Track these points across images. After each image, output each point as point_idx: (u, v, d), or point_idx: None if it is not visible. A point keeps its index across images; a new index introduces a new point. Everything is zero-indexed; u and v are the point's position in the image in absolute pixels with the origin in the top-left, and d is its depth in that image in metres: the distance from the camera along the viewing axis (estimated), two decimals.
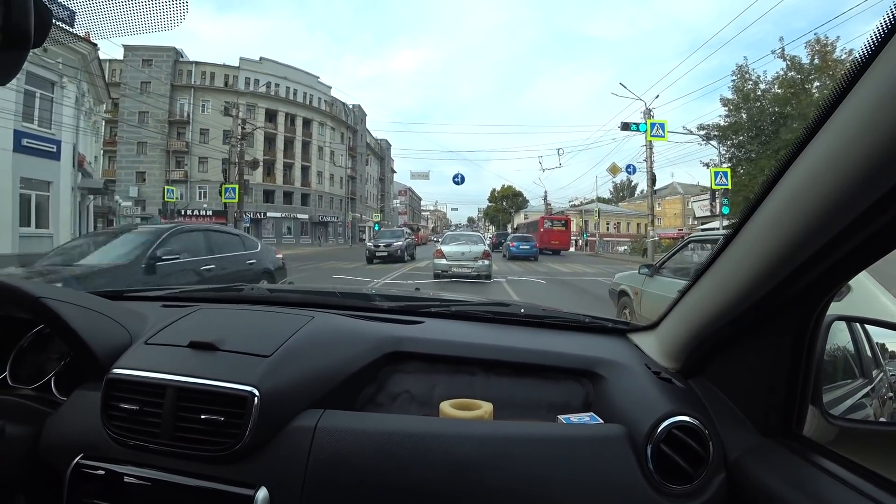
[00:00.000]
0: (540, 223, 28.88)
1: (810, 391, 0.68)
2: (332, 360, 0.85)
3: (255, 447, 0.71)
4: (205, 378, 0.74)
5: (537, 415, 0.88)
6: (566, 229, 29.29)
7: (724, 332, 0.74)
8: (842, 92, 0.43)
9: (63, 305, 0.87)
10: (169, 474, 0.71)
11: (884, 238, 0.49)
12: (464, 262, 10.31)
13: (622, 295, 4.92)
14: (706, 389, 0.81)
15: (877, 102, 0.39)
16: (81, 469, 0.74)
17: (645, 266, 4.49)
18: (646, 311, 4.20)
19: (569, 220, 31.81)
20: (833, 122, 0.45)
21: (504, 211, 71.32)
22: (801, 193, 0.50)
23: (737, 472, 0.67)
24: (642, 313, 4.26)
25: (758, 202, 0.58)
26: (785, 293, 0.61)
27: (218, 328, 0.88)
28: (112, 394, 0.76)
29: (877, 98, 0.39)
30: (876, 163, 0.41)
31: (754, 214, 0.59)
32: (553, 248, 27.21)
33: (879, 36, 0.38)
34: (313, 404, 0.77)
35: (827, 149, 0.46)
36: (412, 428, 0.73)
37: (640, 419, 0.73)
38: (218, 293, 1.34)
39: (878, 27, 0.38)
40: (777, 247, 0.56)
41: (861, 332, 0.94)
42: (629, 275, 4.96)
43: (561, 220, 30.86)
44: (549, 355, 0.93)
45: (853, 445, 0.75)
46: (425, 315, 1.12)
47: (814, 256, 0.53)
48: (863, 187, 0.43)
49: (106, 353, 0.85)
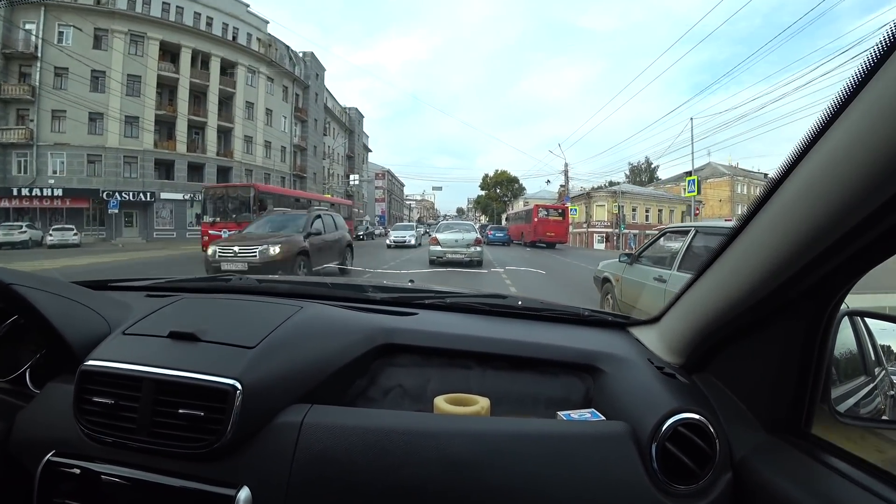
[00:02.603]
0: (533, 212, 25.44)
1: (820, 388, 0.65)
2: (321, 352, 0.82)
3: (237, 444, 0.67)
4: (184, 370, 0.70)
5: (536, 410, 0.86)
6: (563, 219, 25.94)
7: (731, 327, 0.72)
8: (867, 74, 0.41)
9: (36, 293, 0.83)
10: (145, 472, 0.68)
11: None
12: (458, 249, 11.26)
13: (605, 281, 5.27)
14: (711, 385, 0.79)
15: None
16: (53, 466, 0.71)
17: (625, 254, 4.84)
18: (625, 297, 4.62)
19: (566, 209, 27.41)
20: (857, 104, 0.43)
21: (498, 199, 63.73)
22: (820, 181, 0.48)
23: (743, 472, 0.65)
24: (622, 298, 4.69)
25: (771, 191, 0.55)
26: (798, 286, 0.59)
27: (200, 318, 0.83)
28: (85, 387, 0.72)
29: None
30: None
31: (767, 203, 0.57)
32: (548, 240, 24.32)
33: None
34: (300, 398, 0.74)
35: (849, 134, 0.44)
36: (405, 424, 0.70)
37: (644, 416, 0.70)
38: (204, 283, 1.31)
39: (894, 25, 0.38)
40: (792, 237, 0.53)
41: (863, 328, 0.90)
42: (611, 263, 5.25)
43: (557, 209, 26.81)
44: (548, 349, 0.91)
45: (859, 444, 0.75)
46: (419, 306, 1.09)
47: (831, 247, 0.51)
48: (887, 174, 0.41)
49: (82, 344, 0.82)
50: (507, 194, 64.45)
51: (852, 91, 0.42)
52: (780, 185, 0.54)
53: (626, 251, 5.34)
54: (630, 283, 4.47)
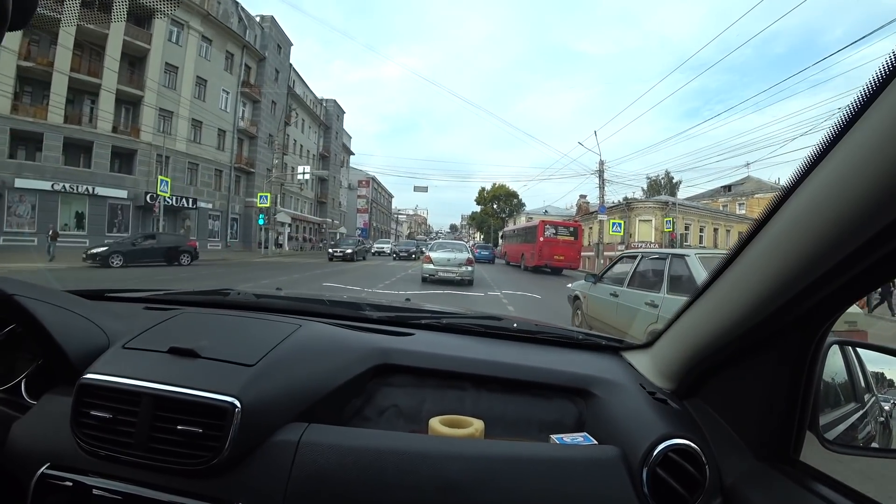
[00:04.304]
0: (538, 230, 20.62)
1: (808, 416, 0.67)
2: (319, 371, 0.82)
3: (234, 461, 0.68)
4: (183, 387, 0.70)
5: (529, 433, 0.87)
6: (575, 240, 21.30)
7: (721, 354, 0.73)
8: (852, 118, 0.43)
9: (37, 304, 0.83)
10: (141, 488, 0.68)
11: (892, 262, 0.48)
12: (450, 268, 11.88)
13: (576, 299, 6.17)
14: (702, 411, 0.80)
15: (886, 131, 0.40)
16: (47, 479, 0.71)
17: (591, 275, 5.67)
18: (590, 310, 5.55)
19: (579, 227, 23.00)
20: (842, 146, 0.45)
21: (495, 215, 59.33)
22: (808, 216, 0.50)
23: (732, 498, 0.66)
24: (588, 312, 5.62)
25: (762, 223, 0.58)
26: (786, 317, 0.61)
27: (200, 334, 0.84)
28: (84, 400, 0.72)
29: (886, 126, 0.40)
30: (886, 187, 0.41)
31: (758, 235, 0.59)
32: (556, 264, 19.93)
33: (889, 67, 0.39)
34: (297, 417, 0.74)
35: (836, 172, 0.46)
36: (399, 445, 0.71)
37: (636, 441, 0.72)
38: (203, 297, 1.30)
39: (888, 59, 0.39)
40: (781, 269, 0.55)
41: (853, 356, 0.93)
42: (581, 283, 6.03)
43: (568, 226, 22.30)
44: (542, 372, 0.92)
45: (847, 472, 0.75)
46: (416, 326, 1.10)
47: (818, 280, 0.53)
48: (872, 212, 0.43)
49: (80, 357, 0.82)
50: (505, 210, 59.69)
51: (843, 127, 0.44)
52: (771, 217, 0.55)
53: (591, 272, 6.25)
54: (593, 300, 5.45)
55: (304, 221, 39.36)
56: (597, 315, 5.26)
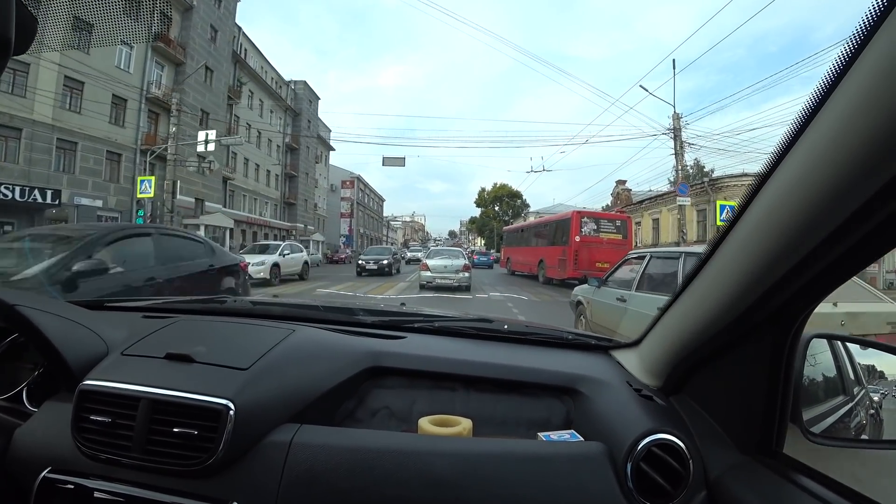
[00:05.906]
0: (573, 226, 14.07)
1: (789, 409, 0.69)
2: (312, 374, 0.84)
3: (228, 462, 0.70)
4: (180, 391, 0.73)
5: (517, 432, 0.88)
6: (624, 239, 14.30)
7: (703, 350, 0.75)
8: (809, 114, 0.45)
9: (39, 314, 0.85)
10: (140, 489, 0.70)
11: (855, 258, 0.50)
12: (447, 274, 11.92)
13: (579, 304, 5.78)
14: (687, 407, 0.81)
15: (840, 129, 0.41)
16: (49, 483, 0.73)
17: (595, 279, 5.25)
18: (594, 317, 5.15)
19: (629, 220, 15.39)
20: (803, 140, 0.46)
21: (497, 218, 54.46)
22: (773, 214, 0.51)
23: (717, 491, 0.68)
24: (592, 318, 5.21)
25: (734, 221, 0.59)
26: (759, 313, 0.62)
27: (196, 340, 0.87)
28: (84, 405, 0.75)
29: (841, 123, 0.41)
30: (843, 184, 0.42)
31: (730, 233, 0.60)
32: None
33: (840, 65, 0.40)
34: (290, 419, 0.77)
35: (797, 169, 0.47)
36: (389, 444, 0.73)
37: (620, 437, 0.73)
38: (200, 304, 1.33)
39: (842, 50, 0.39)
40: (749, 267, 0.57)
41: (842, 350, 0.94)
42: (584, 287, 5.70)
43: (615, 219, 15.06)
44: (531, 371, 0.93)
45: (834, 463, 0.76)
46: (408, 330, 1.12)
47: (785, 276, 0.54)
48: (830, 208, 0.45)
49: (80, 364, 0.84)
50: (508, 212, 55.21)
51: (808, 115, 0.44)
52: (743, 214, 0.56)
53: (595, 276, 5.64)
54: (597, 304, 5.08)
55: (262, 226, 31.59)
56: (602, 321, 4.88)
